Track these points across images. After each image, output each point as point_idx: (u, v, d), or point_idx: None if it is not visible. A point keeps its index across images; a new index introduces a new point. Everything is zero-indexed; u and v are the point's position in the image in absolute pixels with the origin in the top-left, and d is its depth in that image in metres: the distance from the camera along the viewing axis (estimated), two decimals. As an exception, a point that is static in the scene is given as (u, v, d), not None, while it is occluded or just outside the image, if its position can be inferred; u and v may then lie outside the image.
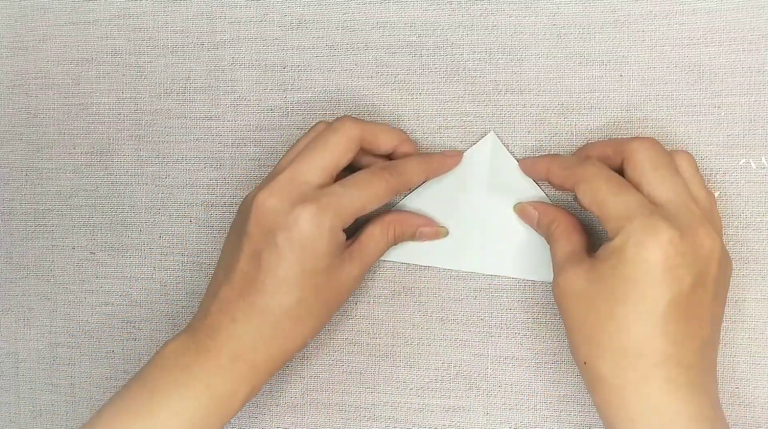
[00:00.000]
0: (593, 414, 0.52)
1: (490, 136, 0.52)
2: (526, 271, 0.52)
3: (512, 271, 0.52)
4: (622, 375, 0.43)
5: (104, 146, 0.55)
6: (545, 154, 0.51)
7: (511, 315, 0.52)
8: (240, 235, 0.47)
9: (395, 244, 0.51)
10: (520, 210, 0.51)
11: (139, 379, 0.47)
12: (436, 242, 0.52)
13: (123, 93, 0.55)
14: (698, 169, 0.48)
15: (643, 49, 0.51)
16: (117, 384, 0.55)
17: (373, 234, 0.50)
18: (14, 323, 0.56)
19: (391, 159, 0.51)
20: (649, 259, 0.42)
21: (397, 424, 0.53)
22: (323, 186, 0.47)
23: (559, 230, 0.48)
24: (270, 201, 0.46)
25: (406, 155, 0.50)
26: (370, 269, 0.51)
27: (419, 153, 0.51)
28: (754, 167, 0.51)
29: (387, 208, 0.52)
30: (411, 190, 0.52)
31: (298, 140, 0.49)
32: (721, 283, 0.45)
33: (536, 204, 0.50)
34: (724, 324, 0.50)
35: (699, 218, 0.44)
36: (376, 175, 0.48)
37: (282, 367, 0.48)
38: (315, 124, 0.50)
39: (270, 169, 0.54)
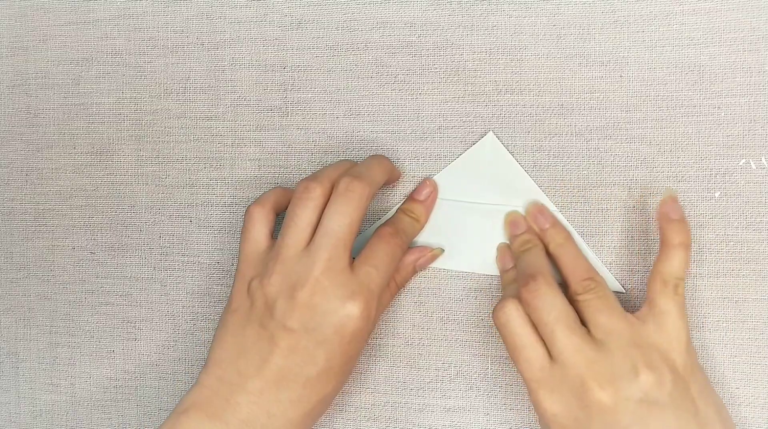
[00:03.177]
0: (593, 414, 0.52)
1: (489, 137, 0.52)
2: None
3: None
4: None
5: (104, 146, 0.55)
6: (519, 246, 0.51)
7: (511, 315, 0.52)
8: (269, 328, 0.45)
9: (402, 287, 0.52)
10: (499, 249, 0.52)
11: None
12: (435, 243, 0.52)
13: (123, 93, 0.55)
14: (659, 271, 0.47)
15: (643, 49, 0.51)
16: (117, 384, 0.55)
17: (381, 301, 0.49)
18: (14, 323, 0.56)
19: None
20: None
21: (397, 424, 0.53)
22: (351, 261, 0.47)
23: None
24: (316, 299, 0.45)
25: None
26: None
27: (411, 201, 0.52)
28: (754, 167, 0.51)
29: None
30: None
31: (295, 214, 0.47)
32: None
33: (506, 257, 0.51)
34: (724, 324, 0.51)
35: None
36: (391, 244, 0.48)
37: None
38: (307, 185, 0.47)
39: (270, 170, 0.54)
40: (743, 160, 0.51)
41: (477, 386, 0.52)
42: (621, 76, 0.51)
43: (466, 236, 0.52)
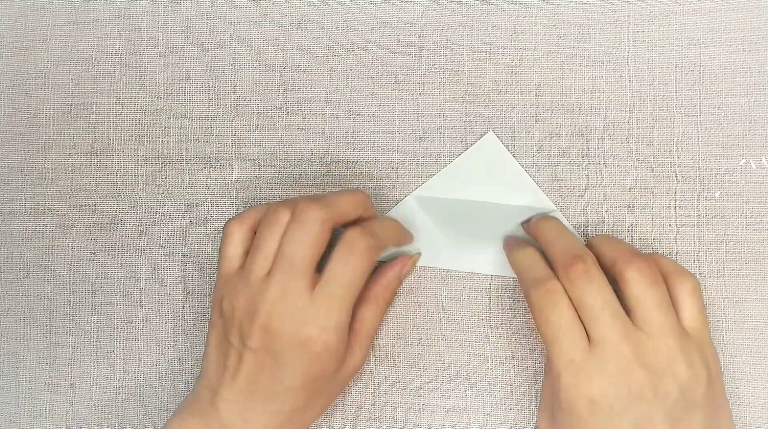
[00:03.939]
0: (593, 414, 0.52)
1: (489, 136, 0.52)
2: None
3: (512, 271, 0.52)
4: None
5: (104, 146, 0.55)
6: (520, 245, 0.50)
7: (511, 315, 0.52)
8: (239, 345, 0.47)
9: (389, 307, 0.52)
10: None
11: None
12: (435, 243, 0.52)
13: (123, 93, 0.55)
14: (700, 296, 0.46)
15: (643, 49, 0.51)
16: (117, 384, 0.55)
17: (366, 318, 0.50)
18: (14, 323, 0.56)
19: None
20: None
21: (397, 424, 0.53)
22: (312, 278, 0.46)
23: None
24: (273, 322, 0.46)
25: (369, 218, 0.50)
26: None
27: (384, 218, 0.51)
28: (754, 167, 0.51)
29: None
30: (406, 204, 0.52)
31: (262, 238, 0.47)
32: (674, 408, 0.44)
33: (517, 240, 0.51)
34: (724, 324, 0.51)
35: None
36: (354, 254, 0.46)
37: None
38: (272, 213, 0.47)
39: (269, 170, 0.54)
40: (743, 160, 0.51)
41: (477, 386, 0.52)
42: (621, 76, 0.51)
43: (466, 236, 0.52)
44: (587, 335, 0.44)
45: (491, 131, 0.52)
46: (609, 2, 0.52)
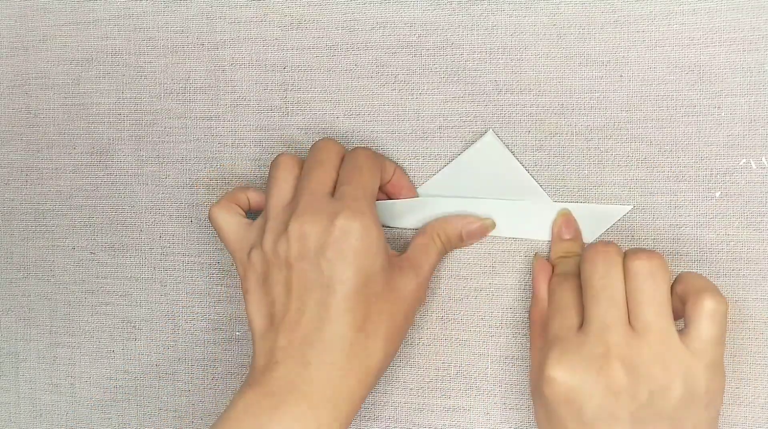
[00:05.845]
0: (593, 414, 0.52)
1: (489, 135, 0.52)
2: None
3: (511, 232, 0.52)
4: None
5: (104, 146, 0.55)
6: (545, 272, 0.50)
7: (511, 315, 0.52)
8: (278, 274, 0.46)
9: (446, 252, 0.51)
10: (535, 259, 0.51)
11: None
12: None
13: (123, 93, 0.55)
14: (720, 323, 0.44)
15: (643, 49, 0.51)
16: (117, 384, 0.55)
17: (420, 243, 0.50)
18: (14, 323, 0.56)
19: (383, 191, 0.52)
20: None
21: (397, 424, 0.53)
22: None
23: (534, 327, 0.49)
24: (306, 227, 0.45)
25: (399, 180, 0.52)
26: (429, 286, 0.51)
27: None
28: (754, 167, 0.51)
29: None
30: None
31: (271, 186, 0.49)
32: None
33: (539, 273, 0.50)
34: (724, 324, 0.51)
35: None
36: (358, 153, 0.49)
37: (367, 392, 0.47)
38: (279, 163, 0.49)
39: (269, 169, 0.54)
40: (743, 160, 0.51)
41: (477, 386, 0.52)
42: (621, 76, 0.51)
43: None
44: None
45: (491, 130, 0.52)
46: (609, 2, 0.52)
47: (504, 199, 0.52)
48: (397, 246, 0.52)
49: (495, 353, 0.52)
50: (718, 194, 0.51)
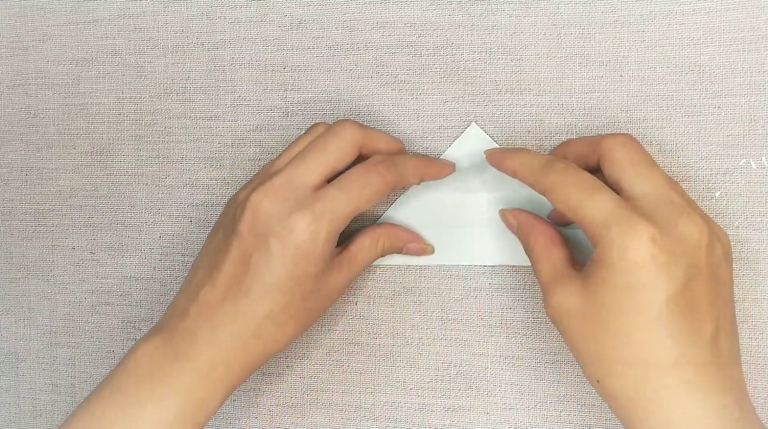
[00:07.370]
0: (593, 414, 0.52)
1: (473, 127, 0.52)
2: (521, 259, 0.51)
3: (503, 260, 0.52)
4: (637, 388, 0.42)
5: (104, 146, 0.55)
6: (512, 149, 0.48)
7: (511, 315, 0.52)
8: (227, 235, 0.46)
9: (383, 256, 0.51)
10: (502, 216, 0.50)
11: (110, 386, 0.45)
12: (432, 241, 0.52)
13: (123, 93, 0.55)
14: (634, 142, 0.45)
15: (643, 49, 0.51)
16: (117, 384, 0.55)
17: (363, 245, 0.49)
18: (14, 323, 0.56)
19: None
20: (636, 264, 0.41)
21: (397, 424, 0.53)
22: (318, 188, 0.46)
23: (538, 247, 0.47)
24: (265, 203, 0.45)
25: None
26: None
27: (417, 154, 0.51)
28: (754, 167, 0.51)
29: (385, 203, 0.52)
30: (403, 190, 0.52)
31: (295, 141, 0.49)
32: (718, 265, 0.43)
33: (516, 212, 0.49)
34: (724, 324, 0.50)
35: (679, 208, 0.43)
36: (372, 172, 0.47)
37: (258, 369, 0.48)
38: (314, 126, 0.49)
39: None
40: (743, 160, 0.51)
41: (477, 386, 0.52)
42: (621, 76, 0.51)
43: (456, 229, 0.52)
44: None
45: (474, 123, 0.52)
46: (609, 2, 0.52)
47: (491, 192, 0.51)
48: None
49: (495, 353, 0.52)
50: (718, 194, 0.51)
